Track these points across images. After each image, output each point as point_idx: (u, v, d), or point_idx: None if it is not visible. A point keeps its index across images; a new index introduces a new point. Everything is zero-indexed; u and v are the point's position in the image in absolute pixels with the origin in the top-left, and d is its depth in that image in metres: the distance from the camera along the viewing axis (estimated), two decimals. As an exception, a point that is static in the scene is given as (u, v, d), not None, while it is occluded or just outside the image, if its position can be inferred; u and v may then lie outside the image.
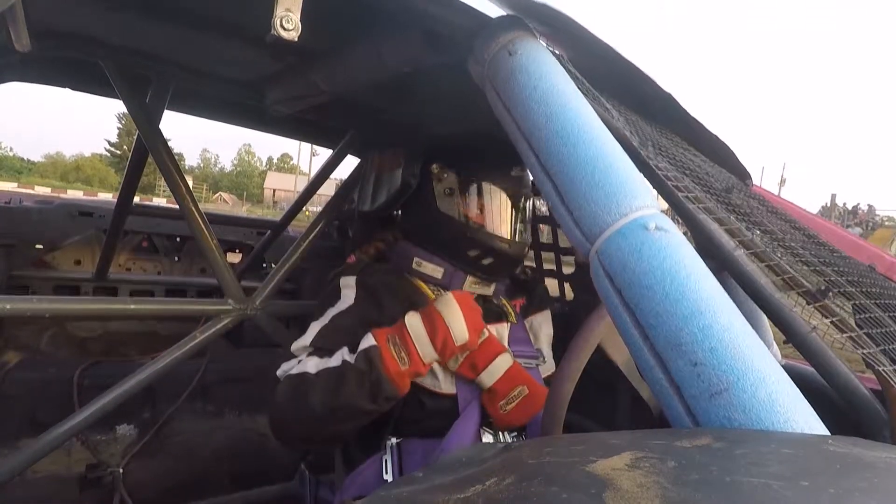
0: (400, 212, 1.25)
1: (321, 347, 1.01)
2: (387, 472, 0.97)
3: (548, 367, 1.15)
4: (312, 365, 0.95)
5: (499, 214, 1.15)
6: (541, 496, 0.28)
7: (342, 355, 0.95)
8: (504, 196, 1.15)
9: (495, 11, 0.69)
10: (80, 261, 1.93)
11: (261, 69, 1.16)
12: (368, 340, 0.94)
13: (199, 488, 1.62)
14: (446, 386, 1.02)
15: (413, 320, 0.95)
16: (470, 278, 1.13)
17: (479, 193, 1.14)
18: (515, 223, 1.17)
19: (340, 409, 0.91)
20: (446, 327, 0.94)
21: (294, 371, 0.96)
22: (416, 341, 0.93)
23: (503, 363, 0.99)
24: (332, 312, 1.06)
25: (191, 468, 1.68)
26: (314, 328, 1.05)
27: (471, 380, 1.00)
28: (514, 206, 1.17)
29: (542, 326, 1.25)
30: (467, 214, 1.13)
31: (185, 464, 1.68)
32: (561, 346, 1.24)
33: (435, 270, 1.13)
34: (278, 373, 1.00)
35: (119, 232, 1.69)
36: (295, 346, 1.04)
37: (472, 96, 0.80)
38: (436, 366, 1.00)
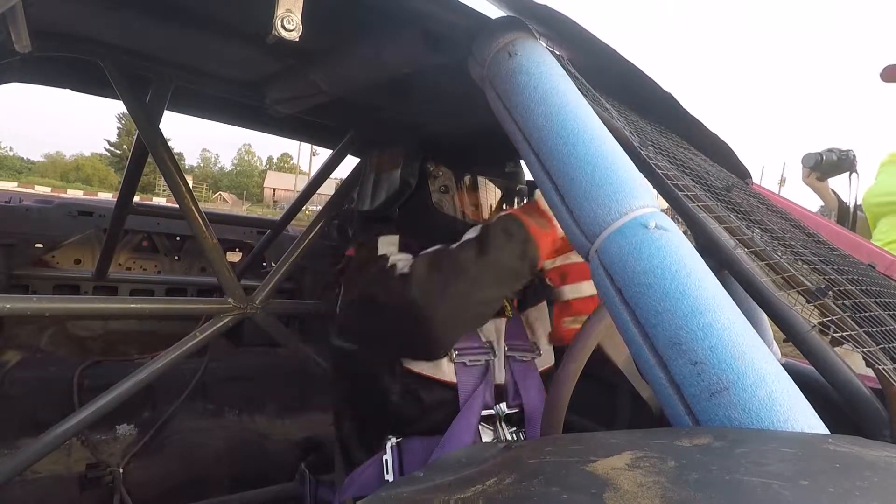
0: (397, 209, 1.25)
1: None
2: (388, 473, 0.97)
3: (544, 361, 1.16)
4: (441, 247, 0.95)
5: (494, 211, 1.16)
6: (541, 496, 0.28)
7: (468, 235, 0.95)
8: (498, 192, 1.17)
9: (495, 12, 0.69)
10: (79, 260, 1.93)
11: (261, 69, 1.16)
12: (498, 214, 0.95)
13: (199, 488, 1.62)
14: (447, 373, 1.01)
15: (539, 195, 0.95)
16: None
17: (474, 190, 1.15)
18: None
19: (489, 276, 0.89)
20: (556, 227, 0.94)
21: (426, 252, 0.94)
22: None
23: (591, 288, 1.00)
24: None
25: (191, 468, 1.68)
26: (405, 255, 1.01)
27: (552, 281, 1.01)
28: (509, 201, 1.18)
29: (539, 319, 1.25)
30: (463, 211, 1.14)
31: (185, 463, 1.68)
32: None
33: None
34: (390, 264, 0.96)
35: (119, 231, 1.69)
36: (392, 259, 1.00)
37: (471, 96, 0.80)
38: None
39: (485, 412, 1.03)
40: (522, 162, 1.08)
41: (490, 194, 1.16)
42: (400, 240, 1.09)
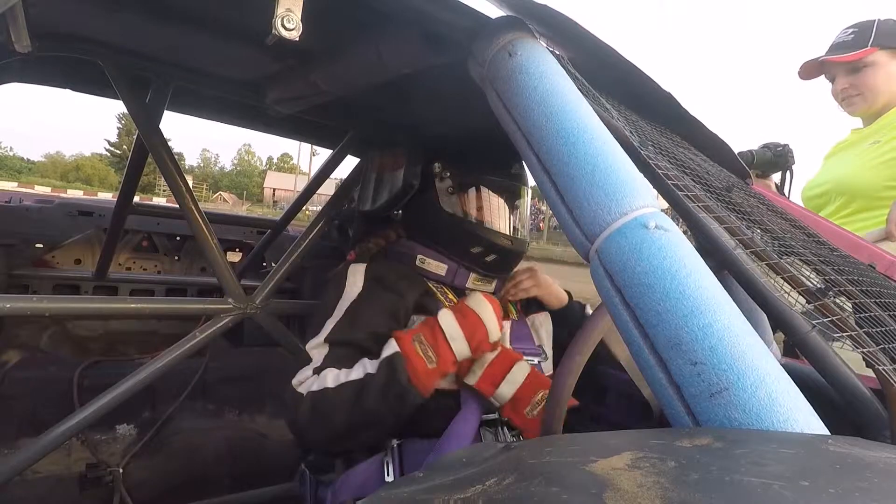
0: (400, 210, 1.25)
1: (338, 341, 1.00)
2: (388, 474, 0.97)
3: (550, 364, 1.16)
4: (332, 379, 0.93)
5: (500, 212, 1.16)
6: (541, 496, 0.28)
7: (364, 367, 0.94)
8: (506, 194, 1.17)
9: (495, 12, 0.69)
10: (80, 260, 1.93)
11: (261, 69, 1.16)
12: (391, 347, 0.94)
13: (199, 488, 1.62)
14: (447, 382, 1.02)
15: (446, 318, 0.96)
16: (473, 275, 1.14)
17: (481, 191, 1.15)
18: (517, 220, 1.18)
19: (364, 424, 0.91)
20: (482, 323, 0.95)
21: (315, 388, 0.93)
22: (450, 338, 0.94)
23: (522, 370, 0.99)
24: (343, 305, 1.05)
25: (191, 468, 1.68)
26: (328, 325, 1.03)
27: (486, 393, 0.99)
28: (515, 203, 1.19)
29: (543, 324, 1.25)
30: (470, 212, 1.14)
31: (185, 463, 1.68)
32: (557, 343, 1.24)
33: (439, 267, 1.14)
34: (294, 382, 0.97)
35: (119, 231, 1.69)
36: (310, 344, 1.02)
37: (472, 96, 0.80)
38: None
39: (488, 416, 1.03)
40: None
41: (497, 195, 1.16)
42: (367, 268, 1.10)
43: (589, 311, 1.26)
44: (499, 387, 0.97)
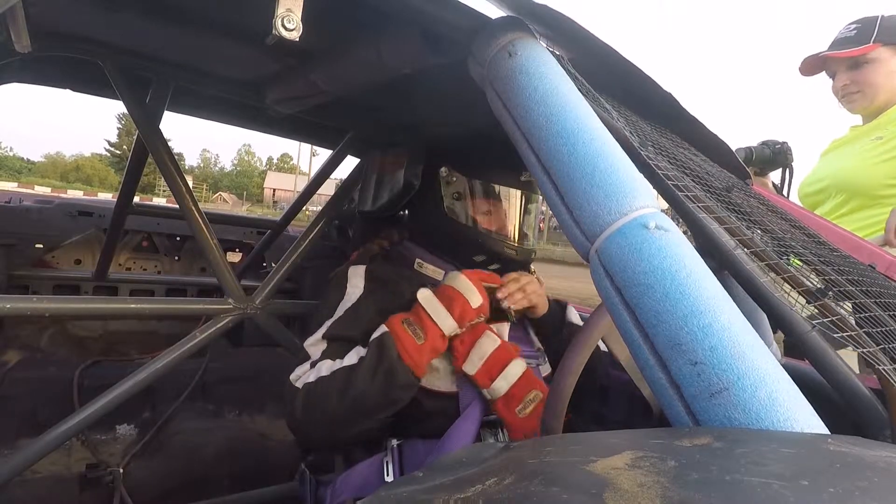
0: (406, 212, 1.25)
1: (336, 337, 1.01)
2: (388, 474, 0.97)
3: (548, 367, 1.15)
4: (326, 368, 0.94)
5: (508, 219, 1.15)
6: (541, 496, 0.28)
7: (357, 353, 0.95)
8: (513, 202, 1.16)
9: (495, 12, 0.69)
10: (80, 260, 1.93)
11: (261, 69, 1.16)
12: (380, 329, 0.95)
13: (200, 488, 1.62)
14: (446, 384, 1.02)
15: (425, 295, 0.98)
16: None
17: (489, 199, 1.14)
18: (524, 228, 1.17)
19: (355, 408, 0.90)
20: (460, 294, 0.97)
21: (311, 378, 0.93)
22: (432, 313, 0.95)
23: (518, 367, 0.99)
24: (344, 306, 1.06)
25: (191, 468, 1.68)
26: (327, 324, 1.04)
27: (482, 385, 0.99)
28: (523, 212, 1.17)
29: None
30: (476, 219, 1.13)
31: (185, 463, 1.68)
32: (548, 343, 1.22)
33: (436, 273, 1.13)
34: (292, 377, 0.97)
35: (119, 231, 1.69)
36: (308, 342, 1.03)
37: (472, 97, 0.80)
38: (436, 363, 1.00)
39: (488, 418, 1.02)
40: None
41: (504, 204, 1.15)
42: (367, 269, 1.10)
43: (570, 311, 1.24)
44: (495, 381, 0.98)
